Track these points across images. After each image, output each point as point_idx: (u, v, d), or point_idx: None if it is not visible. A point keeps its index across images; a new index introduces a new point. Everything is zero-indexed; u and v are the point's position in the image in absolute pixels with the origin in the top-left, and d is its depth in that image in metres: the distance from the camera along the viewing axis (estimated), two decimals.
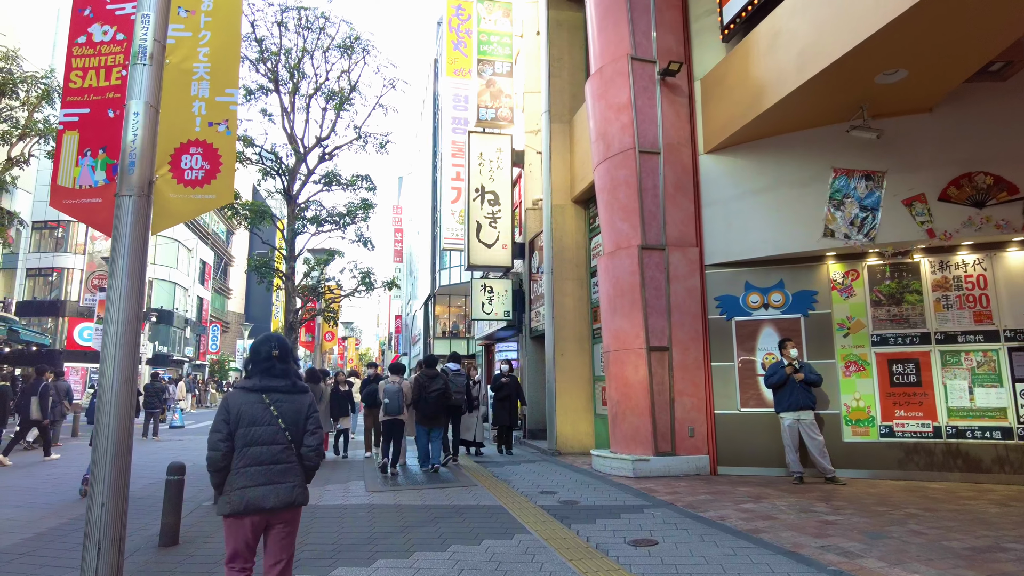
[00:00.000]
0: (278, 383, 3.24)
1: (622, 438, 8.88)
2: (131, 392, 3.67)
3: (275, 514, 3.10)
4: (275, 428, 3.14)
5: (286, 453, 3.14)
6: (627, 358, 8.90)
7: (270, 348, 3.29)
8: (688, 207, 9.27)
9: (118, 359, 3.65)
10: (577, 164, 11.60)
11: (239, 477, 3.06)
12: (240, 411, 3.14)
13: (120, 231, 3.82)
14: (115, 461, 3.55)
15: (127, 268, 3.77)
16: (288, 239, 10.33)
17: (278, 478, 3.09)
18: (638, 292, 8.87)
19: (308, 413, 3.27)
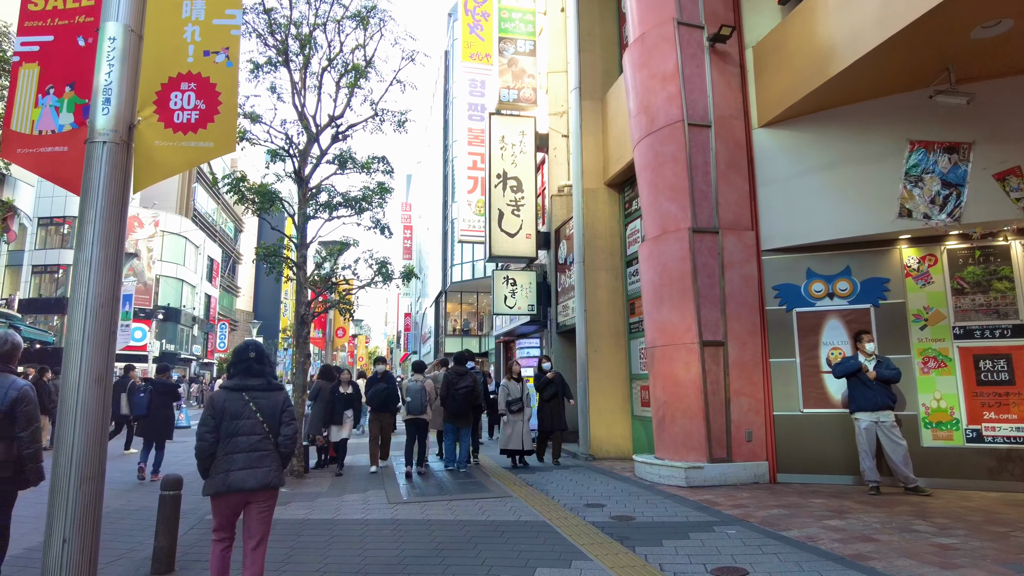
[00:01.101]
0: (256, 382, 3.67)
1: (671, 443, 7.99)
2: (104, 395, 2.82)
3: (254, 494, 3.54)
4: (254, 421, 3.57)
5: (264, 442, 3.58)
6: (676, 354, 8.00)
7: (248, 352, 3.72)
8: (742, 186, 8.37)
9: (87, 352, 2.80)
10: (611, 144, 10.70)
11: (223, 462, 3.48)
12: (224, 407, 3.56)
13: (91, 187, 2.97)
14: (81, 485, 2.70)
15: (100, 235, 2.92)
16: (299, 225, 9.48)
17: (257, 463, 3.52)
18: (689, 280, 7.97)
19: (283, 407, 3.69)
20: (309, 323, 9.44)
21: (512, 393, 9.47)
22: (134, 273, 34.89)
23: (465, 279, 35.12)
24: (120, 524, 6.31)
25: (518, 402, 9.38)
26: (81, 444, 2.70)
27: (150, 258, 36.27)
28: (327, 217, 9.97)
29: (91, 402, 2.75)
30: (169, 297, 38.00)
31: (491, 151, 13.11)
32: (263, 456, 3.56)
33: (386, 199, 10.18)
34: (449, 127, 38.82)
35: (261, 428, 3.58)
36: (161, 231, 37.22)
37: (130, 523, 6.37)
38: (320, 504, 6.96)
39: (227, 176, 9.42)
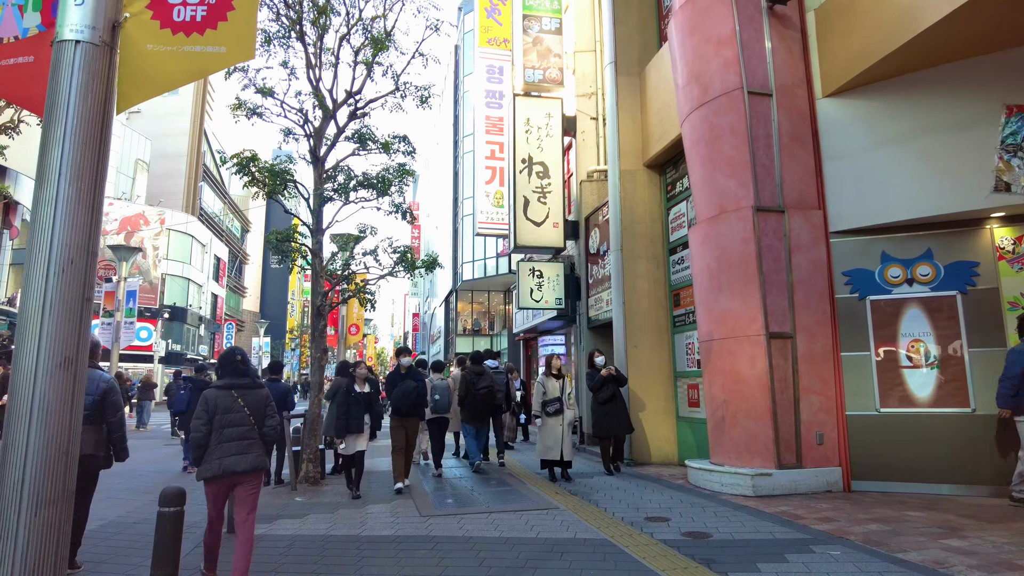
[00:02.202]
0: (242, 381, 4.18)
1: (731, 447, 7.14)
2: (74, 386, 2.01)
3: (244, 476, 4.02)
4: (242, 415, 4.07)
5: (251, 432, 4.09)
6: (739, 348, 7.16)
7: (235, 356, 4.28)
8: (807, 161, 7.52)
9: (49, 326, 1.99)
10: (651, 121, 9.87)
11: (217, 450, 3.96)
12: (216, 403, 4.05)
13: (58, 98, 2.16)
14: (37, 512, 1.89)
15: (70, 164, 2.11)
16: (314, 209, 8.68)
17: (246, 450, 4.03)
18: (753, 264, 7.12)
19: (266, 403, 4.23)
20: (326, 315, 8.63)
21: (549, 392, 7.91)
22: (140, 272, 34.24)
23: (476, 277, 34.34)
24: (115, 540, 5.51)
25: (556, 403, 7.80)
26: (38, 455, 1.88)
27: (156, 256, 35.59)
28: (344, 201, 9.16)
29: (53, 395, 1.94)
30: (175, 296, 37.30)
31: (515, 135, 12.29)
32: (251, 444, 4.09)
33: (407, 182, 9.37)
34: (460, 123, 38.07)
35: (248, 420, 4.10)
36: (167, 229, 36.54)
37: (127, 538, 5.57)
38: (342, 517, 6.15)
39: (236, 156, 8.62)
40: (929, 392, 6.79)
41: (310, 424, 8.17)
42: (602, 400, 8.23)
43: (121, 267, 17.26)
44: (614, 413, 8.19)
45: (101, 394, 4.52)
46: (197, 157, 44.20)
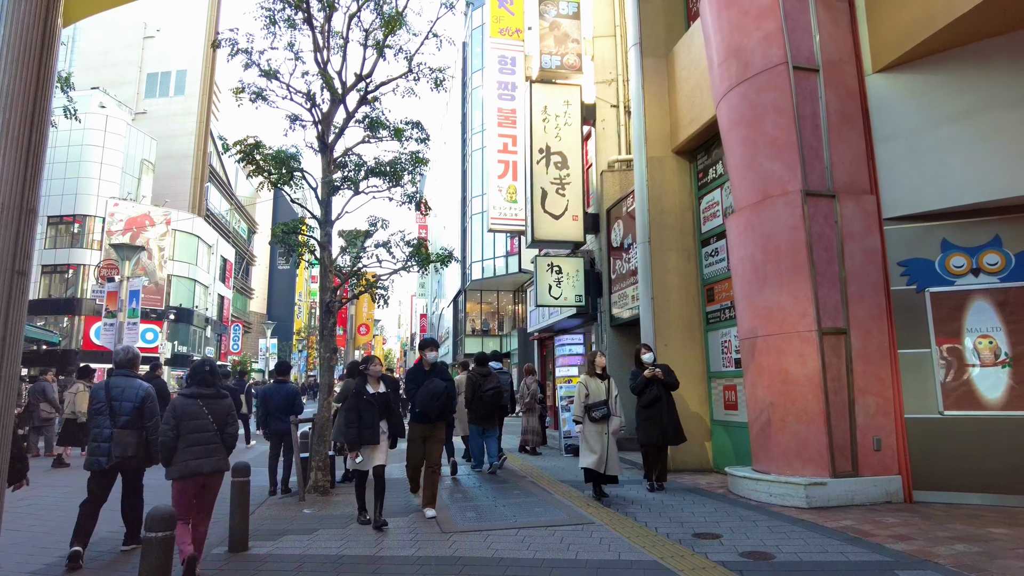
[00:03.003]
0: (208, 391, 4.58)
1: (779, 453, 6.53)
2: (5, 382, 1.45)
3: (208, 477, 4.43)
4: (206, 421, 4.46)
5: (215, 437, 4.49)
6: (787, 345, 6.55)
7: (204, 367, 4.66)
8: (857, 143, 6.91)
9: None
10: (681, 105, 9.26)
11: (184, 454, 4.33)
12: (183, 411, 4.41)
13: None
14: None
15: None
16: (323, 199, 8.13)
17: (210, 454, 4.43)
18: (803, 253, 6.52)
19: (228, 411, 4.64)
20: (335, 312, 8.06)
21: (593, 394, 6.67)
22: (146, 273, 33.82)
23: (485, 277, 33.81)
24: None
25: (602, 407, 6.58)
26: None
27: (161, 257, 35.19)
28: (354, 191, 8.60)
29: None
30: (181, 297, 36.86)
31: (532, 123, 11.72)
32: (214, 448, 4.45)
33: (421, 171, 8.80)
34: (468, 120, 37.57)
35: (212, 427, 4.46)
36: (173, 229, 36.12)
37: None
38: (355, 533, 5.58)
39: (239, 142, 8.07)
40: (1000, 393, 6.15)
41: (319, 429, 7.61)
42: (645, 404, 7.25)
43: (124, 266, 16.75)
44: (657, 420, 7.12)
45: (140, 401, 4.99)
46: (203, 158, 43.81)
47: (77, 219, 34.38)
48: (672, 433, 7.16)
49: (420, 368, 6.46)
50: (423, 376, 6.34)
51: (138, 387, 5.03)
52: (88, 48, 46.89)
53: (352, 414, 5.78)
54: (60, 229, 34.70)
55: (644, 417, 7.25)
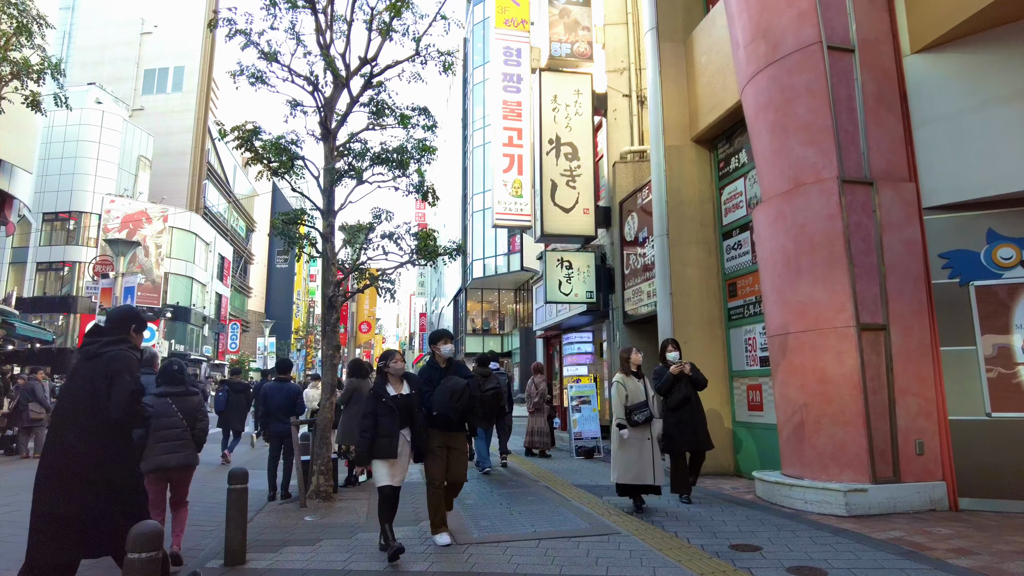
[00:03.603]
0: (178, 389, 4.79)
1: (814, 457, 6.12)
2: None
3: (177, 470, 4.67)
4: (175, 418, 4.67)
5: (184, 433, 4.69)
6: (823, 342, 6.14)
7: (173, 367, 4.87)
8: (895, 127, 6.50)
9: None
10: (700, 92, 8.85)
11: (153, 449, 4.54)
12: (155, 409, 4.57)
13: None
14: None
15: None
16: (325, 188, 7.71)
17: (179, 448, 4.63)
18: (840, 244, 6.10)
19: (197, 407, 4.84)
20: (338, 308, 7.64)
21: (632, 395, 6.02)
22: (142, 270, 33.36)
23: (486, 275, 33.43)
24: None
25: (644, 409, 5.92)
26: None
27: (158, 255, 34.72)
28: (358, 181, 8.17)
29: None
30: (178, 295, 36.41)
31: (541, 113, 11.31)
32: (183, 443, 4.64)
33: (429, 159, 8.38)
34: (469, 117, 37.18)
35: (181, 423, 4.66)
36: (170, 227, 35.66)
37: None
38: (362, 544, 5.15)
39: (237, 128, 7.65)
40: None
41: (321, 431, 7.18)
42: (672, 406, 6.50)
43: (118, 262, 16.34)
44: (689, 423, 6.44)
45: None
46: (201, 154, 43.35)
47: (73, 216, 33.95)
48: (703, 437, 6.54)
49: (434, 365, 5.32)
50: (438, 373, 5.21)
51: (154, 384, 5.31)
52: (84, 44, 46.40)
53: (368, 419, 4.79)
54: (56, 226, 34.27)
55: (674, 421, 6.49)
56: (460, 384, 5.00)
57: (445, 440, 5.10)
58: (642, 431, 5.98)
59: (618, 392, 6.11)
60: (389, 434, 4.75)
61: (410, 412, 4.90)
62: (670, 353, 6.75)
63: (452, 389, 4.95)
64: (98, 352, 3.33)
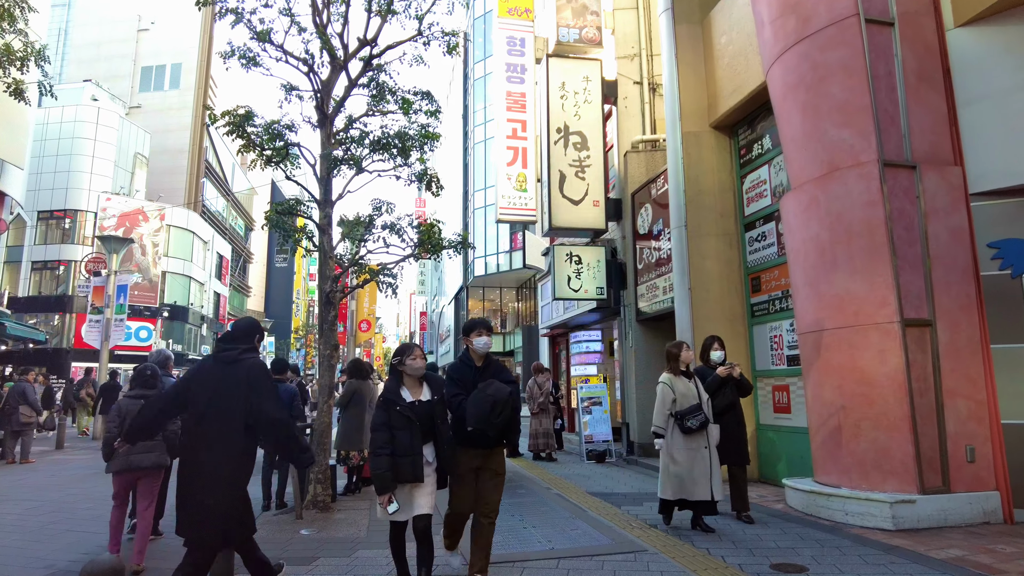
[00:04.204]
0: (149, 392, 4.91)
1: (853, 464, 5.63)
2: None
3: (146, 471, 4.72)
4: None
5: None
6: (863, 339, 5.65)
7: (147, 371, 5.05)
8: (938, 106, 6.01)
9: None
10: (720, 75, 8.36)
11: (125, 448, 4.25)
12: (127, 410, 4.65)
13: None
14: None
15: None
16: (322, 177, 7.22)
17: (150, 449, 4.64)
18: (881, 233, 5.61)
19: None
20: (337, 304, 7.15)
21: (682, 398, 5.27)
22: (139, 269, 32.88)
23: (488, 273, 32.98)
24: None
25: (698, 413, 5.19)
26: None
27: (156, 254, 34.22)
28: (357, 170, 7.68)
29: None
30: (176, 295, 35.89)
31: (549, 101, 10.81)
32: (154, 445, 4.69)
33: (433, 146, 7.89)
34: (470, 113, 36.72)
35: None
36: (167, 225, 35.14)
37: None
38: (364, 562, 4.67)
39: (227, 113, 7.16)
40: None
41: (319, 436, 6.70)
42: (718, 410, 5.60)
43: (111, 260, 15.84)
44: (733, 433, 5.63)
45: None
46: (199, 152, 42.81)
47: (68, 214, 33.42)
48: (745, 450, 5.75)
49: (468, 363, 4.06)
50: (473, 374, 3.98)
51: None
52: (80, 42, 45.87)
53: (382, 434, 3.68)
54: (51, 224, 33.74)
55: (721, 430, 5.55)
56: (503, 392, 3.76)
57: (477, 460, 3.93)
58: (696, 439, 5.21)
59: (663, 395, 5.32)
60: (411, 452, 3.65)
61: (432, 423, 3.80)
62: (715, 352, 5.93)
63: (493, 399, 3.72)
64: (237, 358, 3.55)
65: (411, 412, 3.72)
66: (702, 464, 5.18)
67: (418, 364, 3.88)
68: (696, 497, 5.20)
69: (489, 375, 3.95)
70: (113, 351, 25.09)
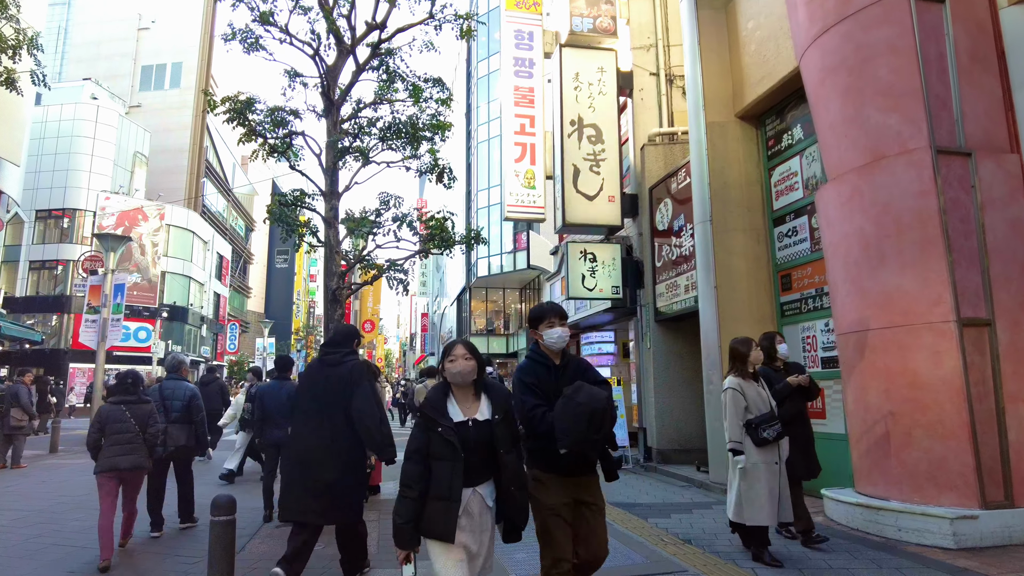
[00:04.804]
0: (131, 398, 5.17)
1: (904, 475, 5.20)
2: None
3: (129, 472, 4.99)
4: (129, 424, 5.03)
5: (135, 438, 5.04)
6: (914, 339, 5.22)
7: (128, 379, 5.26)
8: (992, 89, 5.59)
9: None
10: (747, 62, 7.95)
11: (107, 451, 4.92)
12: (108, 415, 5.03)
13: None
14: None
15: None
16: (328, 167, 6.80)
17: (130, 452, 4.98)
18: (935, 225, 5.18)
19: (149, 414, 5.19)
20: (343, 301, 6.73)
21: (753, 404, 4.48)
22: (138, 269, 32.47)
23: (492, 274, 32.57)
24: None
25: (774, 422, 4.42)
26: None
27: (155, 253, 33.80)
28: (364, 161, 7.27)
29: None
30: (175, 295, 35.45)
31: (563, 92, 10.39)
32: (135, 447, 5.03)
33: (445, 137, 7.49)
34: (473, 112, 36.34)
35: (133, 428, 5.06)
36: (166, 224, 34.72)
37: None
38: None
39: (228, 99, 6.76)
40: None
41: None
42: (786, 417, 4.65)
43: (108, 258, 15.39)
44: (801, 445, 4.84)
45: (188, 400, 5.91)
46: (199, 152, 42.42)
47: (66, 213, 33.00)
48: (810, 461, 4.98)
49: (541, 362, 3.16)
50: (552, 377, 3.09)
51: (186, 388, 5.99)
52: (80, 40, 45.53)
53: (415, 467, 2.65)
54: (49, 224, 33.32)
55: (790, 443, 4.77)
56: (598, 399, 2.80)
57: (572, 492, 3.03)
58: (770, 452, 4.43)
59: (735, 403, 4.50)
60: (447, 495, 2.59)
61: (492, 452, 2.69)
62: (781, 346, 5.17)
63: (590, 408, 2.76)
64: (341, 360, 4.08)
65: (458, 437, 2.61)
66: (776, 480, 4.44)
67: (460, 367, 2.72)
68: (783, 519, 4.46)
69: (572, 376, 3.03)
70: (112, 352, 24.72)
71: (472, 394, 2.80)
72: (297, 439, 3.96)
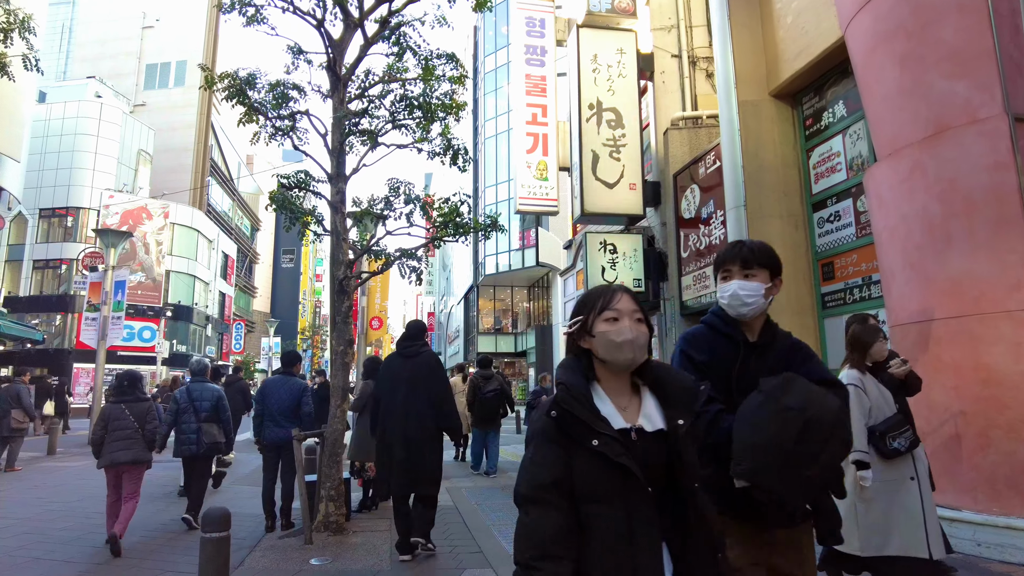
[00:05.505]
0: (129, 397, 5.50)
1: (979, 482, 4.66)
2: None
3: (128, 466, 5.31)
4: (128, 421, 5.35)
5: (135, 434, 5.35)
6: (988, 330, 4.68)
7: (124, 380, 5.60)
8: None
9: None
10: (782, 37, 7.41)
11: (108, 447, 5.25)
12: (110, 414, 5.38)
13: None
14: None
15: None
16: (334, 148, 6.30)
17: (129, 447, 5.29)
18: (1014, 201, 4.64)
19: (147, 411, 5.48)
20: (351, 293, 6.22)
21: (877, 407, 3.47)
22: (143, 268, 32.11)
23: (500, 271, 32.09)
24: None
25: (906, 429, 3.45)
26: None
27: (159, 252, 33.43)
28: (372, 144, 6.76)
29: None
30: (180, 294, 35.08)
31: (580, 74, 9.88)
32: (134, 442, 5.34)
33: (459, 116, 6.98)
34: (480, 107, 35.89)
35: (132, 425, 5.36)
36: (171, 223, 34.35)
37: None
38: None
39: (226, 75, 6.27)
40: None
41: (331, 446, 5.76)
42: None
43: (109, 254, 14.97)
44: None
45: (215, 400, 6.15)
46: (204, 150, 42.07)
47: (70, 212, 32.67)
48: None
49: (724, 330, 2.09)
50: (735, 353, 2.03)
51: (212, 389, 6.26)
52: (85, 39, 45.25)
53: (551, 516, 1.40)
54: (53, 222, 33.01)
55: None
56: (825, 406, 1.76)
57: (757, 550, 1.92)
58: (899, 466, 3.39)
59: (859, 402, 3.41)
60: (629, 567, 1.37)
61: (670, 482, 1.48)
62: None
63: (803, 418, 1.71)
64: (418, 352, 4.91)
65: (627, 453, 1.42)
66: (911, 503, 3.32)
67: (633, 334, 1.50)
68: (913, 553, 3.20)
69: (777, 363, 1.95)
70: (116, 352, 24.32)
71: (629, 386, 1.56)
72: (394, 425, 4.68)
